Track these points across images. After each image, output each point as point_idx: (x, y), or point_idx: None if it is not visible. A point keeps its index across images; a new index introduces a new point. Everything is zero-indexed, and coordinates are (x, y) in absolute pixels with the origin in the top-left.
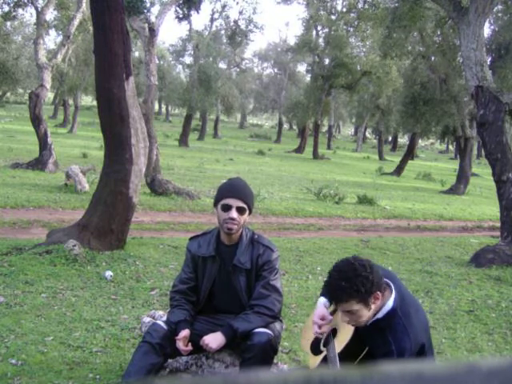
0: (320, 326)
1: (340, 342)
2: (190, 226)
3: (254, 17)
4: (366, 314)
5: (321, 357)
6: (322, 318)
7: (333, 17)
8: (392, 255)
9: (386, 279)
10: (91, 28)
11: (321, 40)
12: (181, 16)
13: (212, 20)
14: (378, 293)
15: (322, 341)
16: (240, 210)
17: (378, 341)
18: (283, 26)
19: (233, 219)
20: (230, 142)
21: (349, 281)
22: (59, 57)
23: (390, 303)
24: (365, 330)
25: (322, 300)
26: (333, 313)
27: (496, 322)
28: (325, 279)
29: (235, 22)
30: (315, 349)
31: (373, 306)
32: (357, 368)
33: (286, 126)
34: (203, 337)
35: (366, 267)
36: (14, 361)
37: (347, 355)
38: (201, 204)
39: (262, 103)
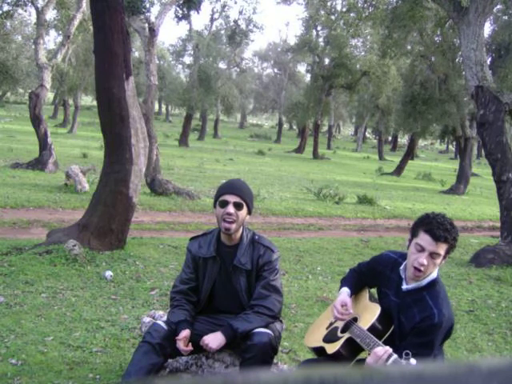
0: (339, 312)
1: (366, 321)
2: (190, 226)
3: (254, 17)
4: (436, 265)
5: (341, 341)
6: (344, 305)
7: (332, 17)
8: None
9: None
10: (91, 28)
11: (321, 40)
12: (180, 16)
13: (212, 20)
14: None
15: (340, 328)
16: (237, 206)
17: (415, 310)
18: (283, 26)
19: (229, 214)
20: (229, 142)
21: (453, 227)
22: (59, 57)
23: (434, 274)
24: (402, 301)
25: (346, 289)
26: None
27: (496, 322)
28: (430, 219)
29: (235, 21)
30: (331, 338)
31: (441, 263)
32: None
33: (285, 125)
34: (203, 337)
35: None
36: (14, 361)
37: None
38: (201, 204)
39: (262, 103)
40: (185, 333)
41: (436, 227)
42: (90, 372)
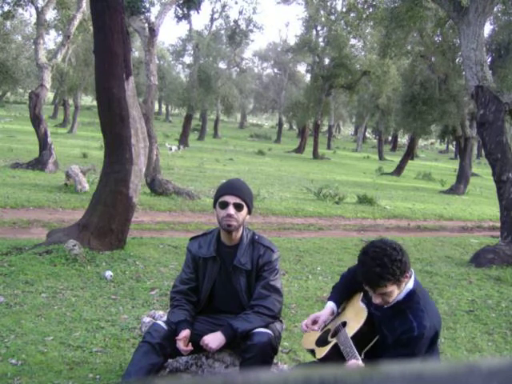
0: (307, 325)
1: (352, 328)
2: (190, 226)
3: (254, 17)
4: (396, 293)
5: (329, 346)
6: (314, 322)
7: (332, 17)
8: None
9: None
10: (91, 28)
11: (321, 40)
12: (180, 16)
13: (212, 20)
14: (409, 272)
15: (331, 333)
16: (237, 207)
17: (396, 323)
18: (283, 26)
19: (230, 216)
20: (229, 142)
21: (385, 266)
22: (59, 57)
23: (410, 285)
24: (382, 315)
25: (331, 305)
26: (342, 310)
27: (496, 322)
28: (359, 267)
29: (235, 21)
30: (322, 342)
31: (403, 285)
32: (367, 360)
33: (285, 125)
34: (203, 337)
35: (398, 250)
36: (14, 361)
37: (356, 344)
38: (201, 204)
39: (262, 103)
40: (185, 333)
41: (367, 278)
42: (90, 372)
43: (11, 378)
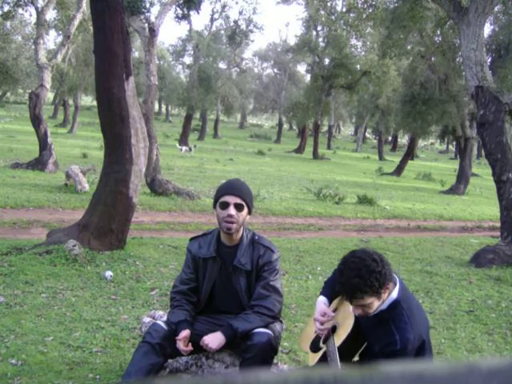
0: (322, 323)
1: (339, 337)
2: (190, 226)
3: (254, 17)
4: (376, 305)
5: (320, 353)
6: (324, 315)
7: (332, 17)
8: (392, 255)
9: None
10: (91, 28)
11: (321, 40)
12: (180, 16)
13: (212, 20)
14: (390, 283)
15: (322, 338)
16: (238, 207)
17: (380, 332)
18: (283, 26)
19: (231, 216)
20: (230, 142)
21: (363, 278)
22: (59, 57)
23: (394, 295)
24: (367, 323)
25: (322, 299)
26: (334, 311)
27: (496, 322)
28: (337, 277)
29: (235, 22)
30: (315, 347)
31: (384, 296)
32: (355, 364)
33: (285, 126)
34: (203, 337)
35: (378, 261)
36: (13, 361)
37: (347, 350)
38: (201, 204)
39: (262, 103)
40: (185, 333)
41: (344, 288)
42: (89, 372)
43: (11, 378)
